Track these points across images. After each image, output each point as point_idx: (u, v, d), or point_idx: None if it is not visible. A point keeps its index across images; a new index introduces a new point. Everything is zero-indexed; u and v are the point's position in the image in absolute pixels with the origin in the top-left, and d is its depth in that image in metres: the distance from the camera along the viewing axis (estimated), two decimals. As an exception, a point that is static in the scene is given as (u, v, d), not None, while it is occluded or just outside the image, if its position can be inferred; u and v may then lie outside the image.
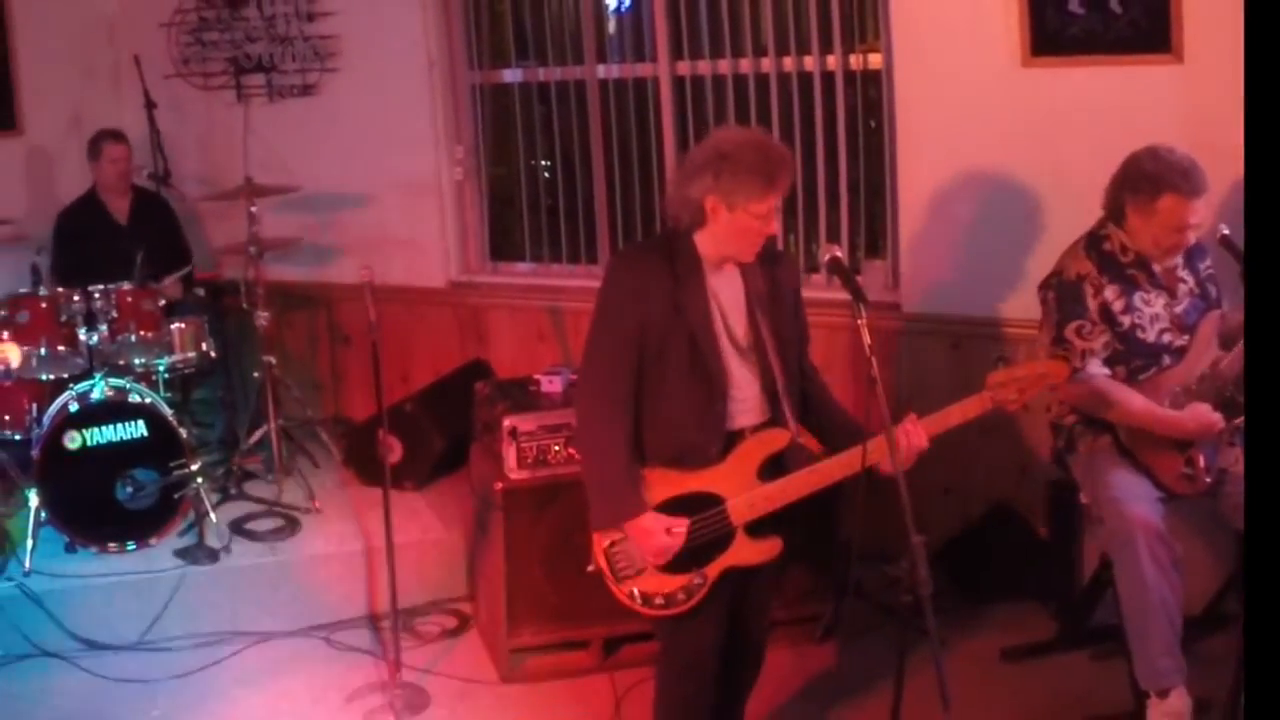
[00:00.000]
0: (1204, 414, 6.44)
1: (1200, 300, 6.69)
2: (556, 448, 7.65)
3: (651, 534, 5.59)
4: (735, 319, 5.66)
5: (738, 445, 5.67)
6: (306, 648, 8.20)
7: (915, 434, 5.46)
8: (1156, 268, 6.63)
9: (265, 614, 8.37)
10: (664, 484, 5.65)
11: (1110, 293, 6.56)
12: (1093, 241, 6.68)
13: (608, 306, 5.71)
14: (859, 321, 5.20)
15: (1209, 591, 7.26)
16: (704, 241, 5.59)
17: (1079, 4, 7.62)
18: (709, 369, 5.59)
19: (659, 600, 5.73)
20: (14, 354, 4.72)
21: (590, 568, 5.89)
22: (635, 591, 5.76)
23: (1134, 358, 6.59)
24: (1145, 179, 6.49)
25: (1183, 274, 6.71)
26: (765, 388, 5.69)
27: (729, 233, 5.53)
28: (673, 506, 5.64)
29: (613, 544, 5.74)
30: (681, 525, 5.60)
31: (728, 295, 5.65)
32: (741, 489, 5.63)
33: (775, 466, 5.65)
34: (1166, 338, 6.61)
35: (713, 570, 5.67)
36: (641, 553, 5.67)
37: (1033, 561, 7.93)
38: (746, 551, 5.67)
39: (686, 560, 5.65)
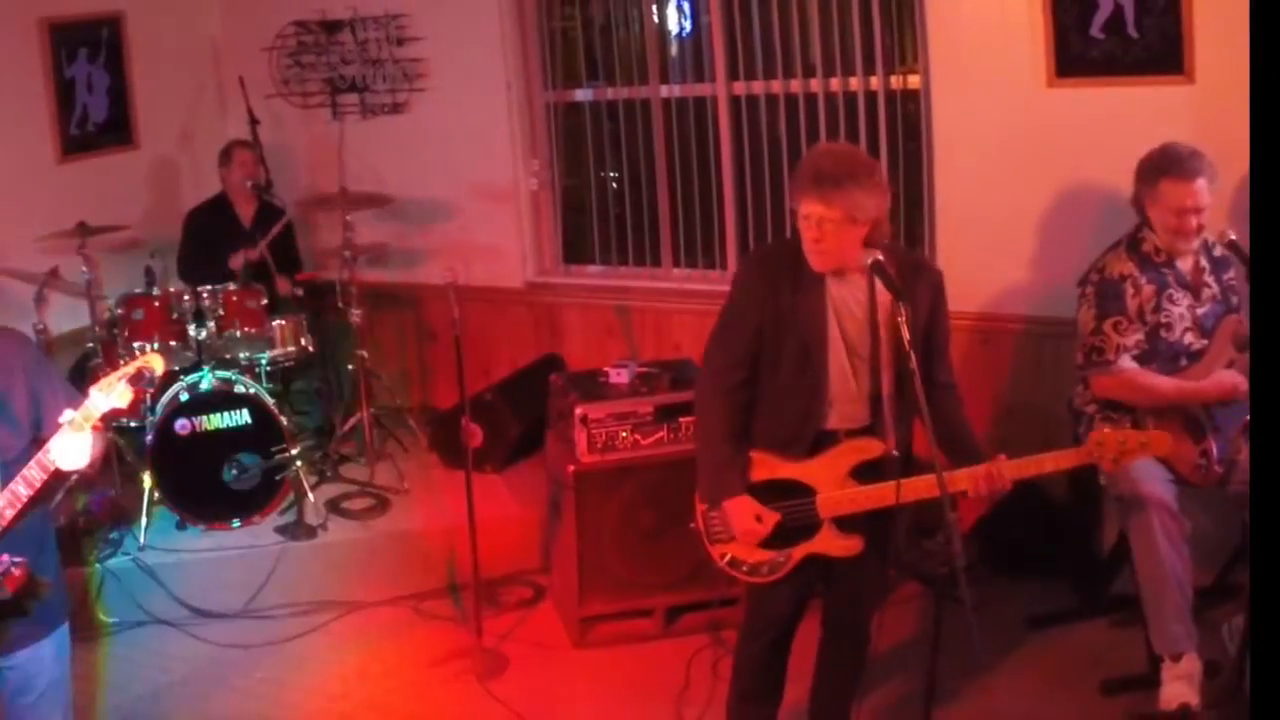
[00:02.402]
0: (1228, 378, 6.47)
1: (1221, 305, 6.66)
2: (624, 434, 7.67)
3: (743, 517, 5.66)
4: (853, 326, 5.59)
5: (834, 445, 5.66)
6: (396, 616, 8.28)
7: (1000, 476, 5.42)
8: (1183, 266, 6.63)
9: (358, 585, 8.45)
10: (765, 467, 5.69)
11: (1146, 293, 6.56)
12: (1133, 244, 6.67)
13: (732, 303, 5.76)
14: (899, 319, 5.23)
15: (1217, 564, 7.28)
16: None
17: (1099, 29, 7.60)
18: (813, 371, 5.58)
19: (745, 567, 5.82)
20: (158, 363, 4.81)
21: (691, 525, 5.95)
22: (727, 555, 5.84)
23: (1156, 358, 6.58)
24: (1150, 168, 6.54)
25: (1208, 279, 6.69)
26: (871, 395, 5.65)
27: (802, 240, 5.55)
28: (769, 488, 5.69)
29: (710, 509, 5.82)
30: (772, 518, 5.65)
31: (849, 302, 5.59)
32: (832, 486, 5.63)
33: (871, 471, 5.62)
34: (1188, 338, 6.60)
35: (797, 553, 5.72)
36: (731, 530, 5.75)
37: (1055, 537, 7.91)
38: (830, 543, 5.69)
39: (775, 539, 5.70)
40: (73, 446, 4.79)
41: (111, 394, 4.78)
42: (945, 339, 5.79)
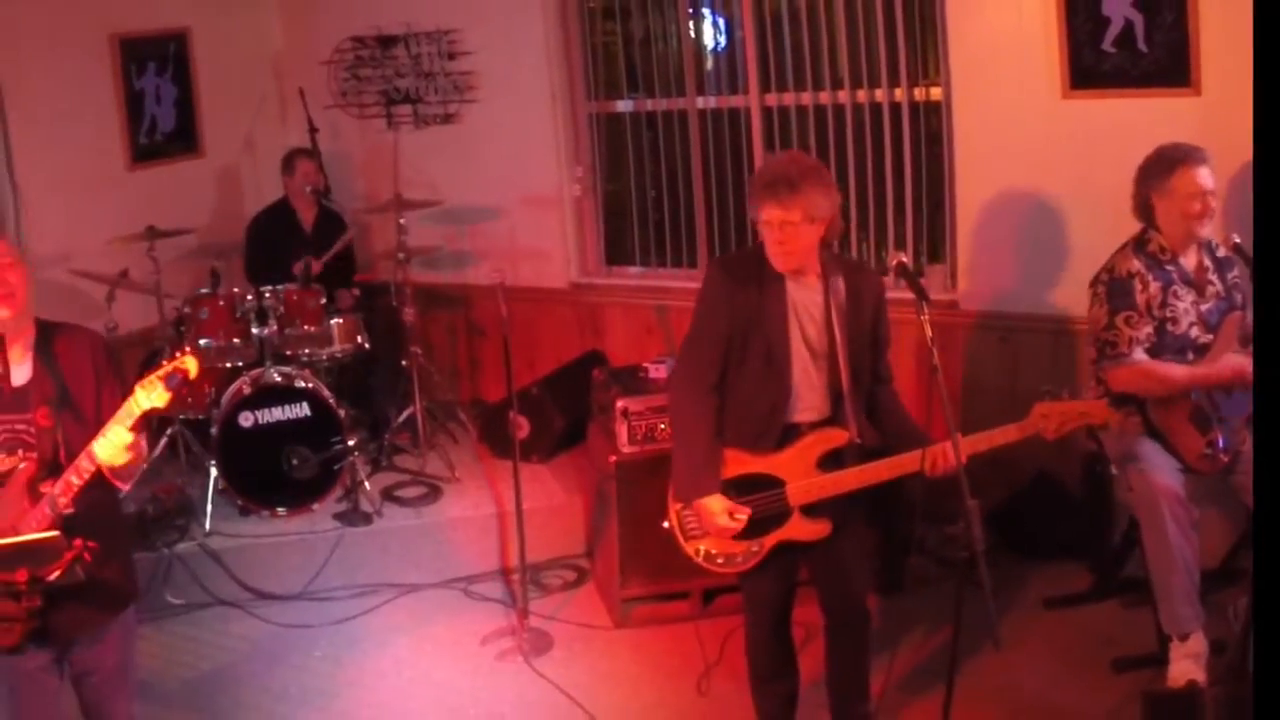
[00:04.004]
0: (1236, 362, 6.44)
1: (1225, 303, 6.64)
2: (663, 426, 7.66)
3: (716, 515, 5.69)
4: (811, 326, 5.65)
5: (800, 438, 5.72)
6: (447, 598, 8.30)
7: (948, 455, 5.42)
8: (1187, 264, 6.62)
9: (411, 568, 8.49)
10: (735, 463, 5.74)
11: (1153, 289, 6.54)
12: (1140, 244, 6.66)
13: (702, 307, 5.78)
14: (922, 317, 5.27)
15: (1223, 549, 7.29)
16: None
17: (1111, 44, 7.61)
18: (779, 371, 5.64)
19: (720, 559, 5.88)
20: (192, 365, 4.84)
21: (664, 524, 6.01)
22: (701, 549, 5.90)
23: (1164, 351, 6.56)
24: (1157, 165, 6.53)
25: (1212, 277, 6.66)
26: (831, 389, 5.70)
27: (765, 245, 5.62)
28: (740, 482, 5.74)
29: (684, 508, 5.86)
30: (744, 513, 5.69)
31: (807, 304, 5.64)
32: (801, 476, 5.69)
33: (834, 460, 5.69)
34: (1194, 332, 6.57)
35: (768, 541, 5.77)
36: (704, 527, 5.80)
37: (1070, 523, 7.92)
38: (800, 529, 5.73)
39: (747, 530, 5.74)
40: (113, 444, 4.88)
41: (152, 394, 4.85)
42: (887, 339, 5.87)
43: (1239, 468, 6.57)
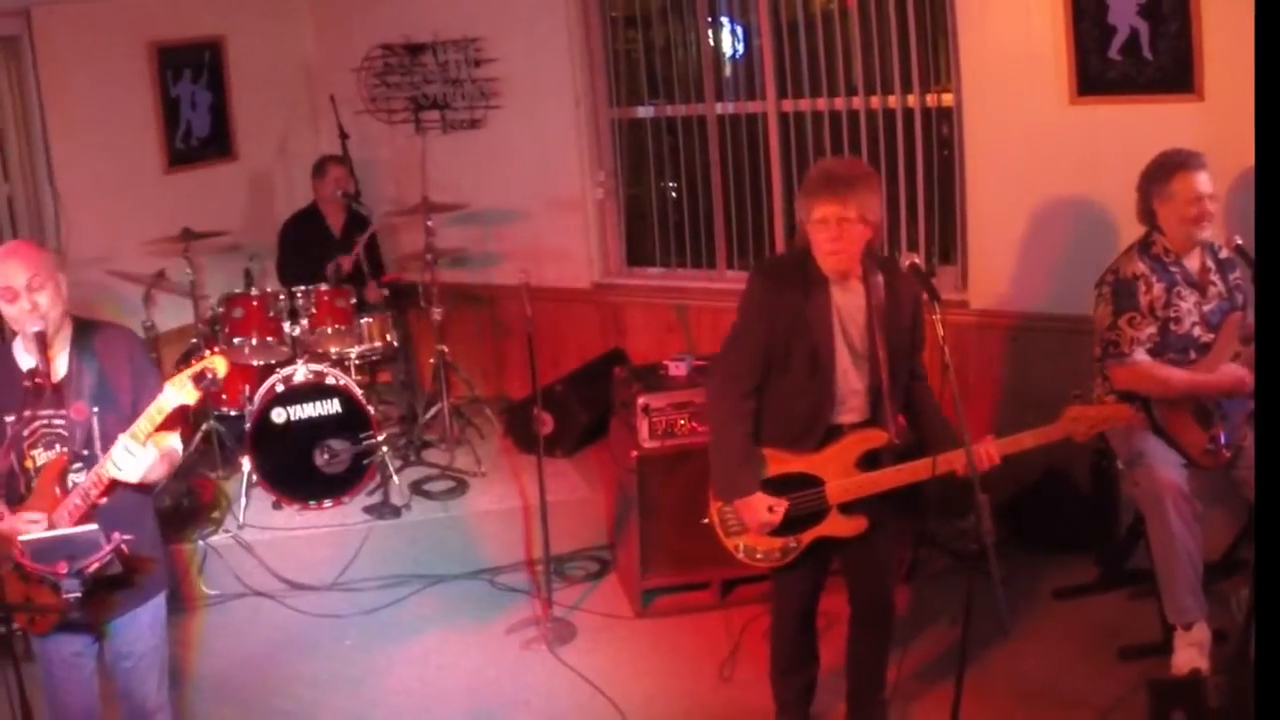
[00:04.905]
0: (1235, 371, 6.47)
1: (1226, 303, 6.67)
2: (682, 421, 7.73)
3: (755, 511, 5.71)
4: (854, 329, 5.64)
5: (841, 438, 5.73)
6: (473, 588, 8.37)
7: (990, 453, 5.47)
8: (1190, 266, 6.65)
9: (439, 560, 8.55)
10: (776, 462, 5.74)
11: (1157, 290, 6.56)
12: (1144, 247, 6.68)
13: (745, 312, 5.77)
14: (934, 316, 5.29)
15: (1225, 542, 7.29)
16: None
17: (1117, 52, 7.62)
18: (823, 375, 5.62)
19: (759, 555, 5.89)
20: (221, 365, 4.87)
21: (704, 520, 6.03)
22: (741, 545, 5.91)
23: (1167, 350, 6.59)
24: (1157, 171, 6.58)
25: (1214, 278, 6.69)
26: (871, 391, 5.71)
27: (815, 246, 5.57)
28: (780, 481, 5.74)
29: (725, 505, 5.87)
30: (781, 507, 5.70)
31: (850, 307, 5.63)
32: (840, 475, 5.70)
33: (872, 459, 5.70)
34: (1196, 331, 6.60)
35: (806, 537, 5.79)
36: (744, 523, 5.81)
37: (1078, 517, 7.93)
38: (837, 526, 5.75)
39: (786, 527, 5.75)
40: (138, 464, 4.97)
41: (181, 391, 4.91)
42: (922, 339, 5.85)
43: (1241, 463, 6.60)
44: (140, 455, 4.95)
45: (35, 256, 5.17)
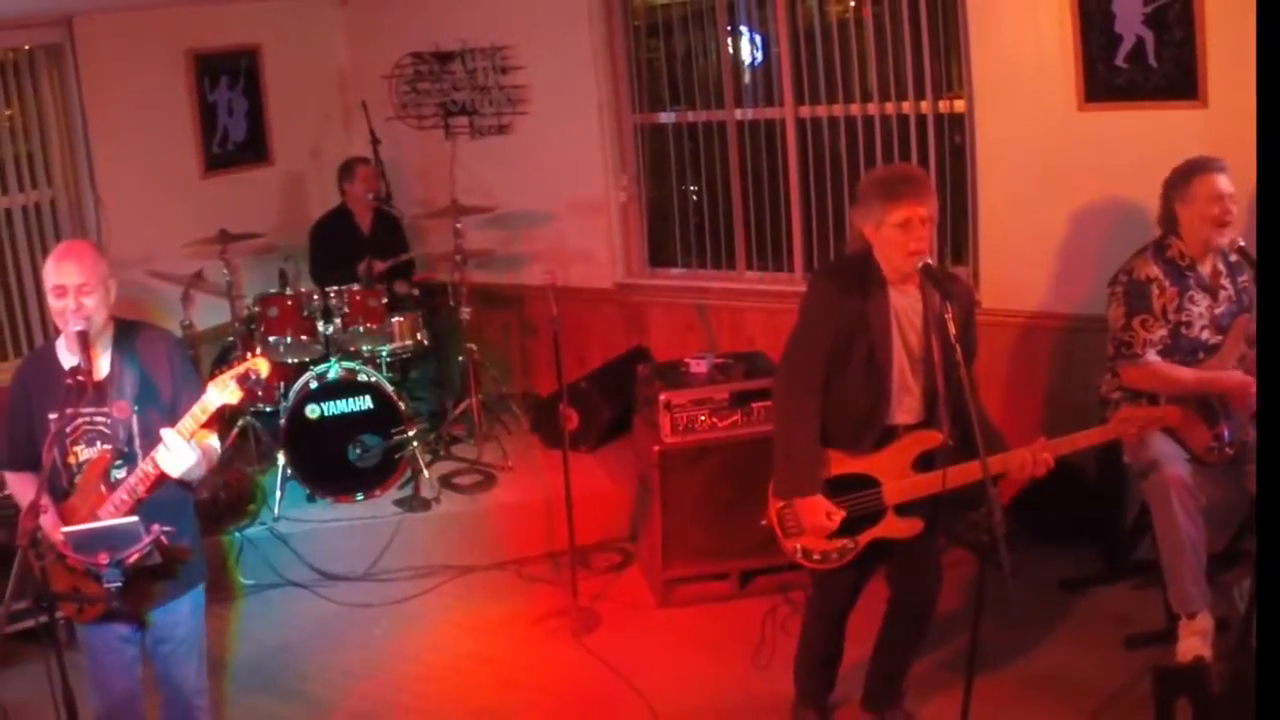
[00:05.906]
0: (1242, 378, 6.47)
1: (1236, 306, 6.67)
2: (703, 417, 7.75)
3: (815, 514, 5.71)
4: (911, 332, 5.66)
5: (897, 439, 5.75)
6: (501, 579, 8.42)
7: (1042, 456, 5.51)
8: (1203, 270, 6.64)
9: (468, 551, 8.59)
10: (834, 463, 5.76)
11: (1170, 294, 6.58)
12: (1159, 249, 6.68)
13: (807, 315, 5.79)
14: (946, 315, 5.33)
15: (1228, 534, 7.28)
16: (880, 261, 5.63)
17: (1123, 59, 7.63)
18: (880, 374, 5.64)
19: (816, 556, 5.88)
20: (264, 366, 4.92)
21: (763, 522, 6.02)
22: (800, 548, 5.90)
23: (1176, 352, 6.61)
24: (1178, 176, 6.58)
25: (1224, 282, 6.69)
26: (926, 393, 5.72)
27: (883, 249, 5.57)
28: (838, 482, 5.75)
29: (784, 506, 5.87)
30: (839, 514, 5.70)
31: (908, 311, 5.65)
32: (896, 476, 5.72)
33: (927, 460, 5.71)
34: (1206, 334, 6.62)
35: (863, 539, 5.79)
36: (802, 525, 5.81)
37: (1086, 510, 7.95)
38: (894, 527, 5.77)
39: (843, 528, 5.75)
40: (180, 460, 5.03)
41: (225, 391, 4.97)
42: (974, 344, 5.81)
43: (1243, 458, 6.62)
44: (186, 452, 5.01)
45: (92, 262, 5.20)
